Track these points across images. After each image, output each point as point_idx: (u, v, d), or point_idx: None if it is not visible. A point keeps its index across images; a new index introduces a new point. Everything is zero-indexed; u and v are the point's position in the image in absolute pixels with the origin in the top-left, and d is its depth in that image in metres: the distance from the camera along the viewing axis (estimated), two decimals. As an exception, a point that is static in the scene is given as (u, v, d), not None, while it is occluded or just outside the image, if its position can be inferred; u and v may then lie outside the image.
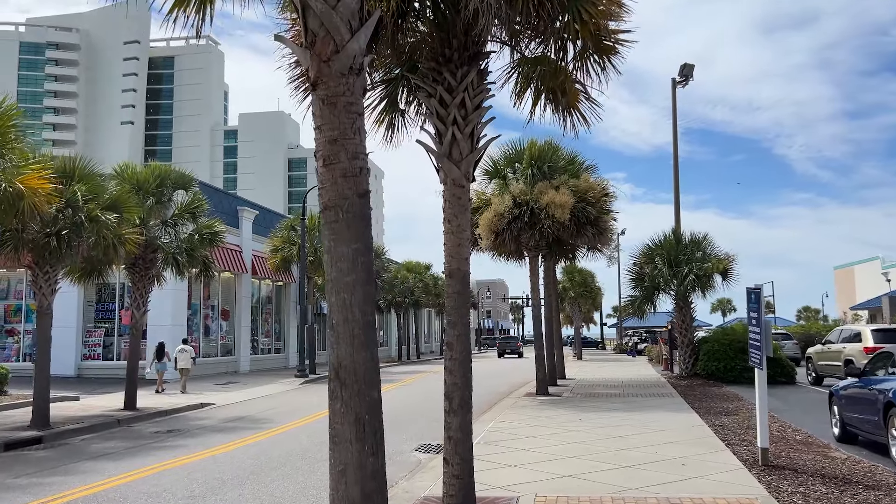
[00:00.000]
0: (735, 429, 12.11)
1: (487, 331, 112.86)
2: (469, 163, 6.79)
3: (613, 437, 11.18)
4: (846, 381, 11.06)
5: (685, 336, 24.68)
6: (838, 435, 10.97)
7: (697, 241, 24.73)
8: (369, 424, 3.84)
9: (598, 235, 18.46)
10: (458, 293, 6.72)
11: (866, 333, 18.89)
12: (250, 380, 27.35)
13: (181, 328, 28.17)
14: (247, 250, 33.55)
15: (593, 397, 17.97)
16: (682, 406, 15.67)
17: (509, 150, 18.79)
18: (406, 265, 50.27)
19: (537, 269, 19.32)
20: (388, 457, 10.91)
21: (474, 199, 18.89)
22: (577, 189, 17.67)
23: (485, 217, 17.25)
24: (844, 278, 67.26)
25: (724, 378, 22.58)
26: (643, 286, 24.98)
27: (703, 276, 23.81)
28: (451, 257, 6.76)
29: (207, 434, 13.47)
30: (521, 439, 11.10)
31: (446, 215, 6.82)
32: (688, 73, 26.48)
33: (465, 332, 6.71)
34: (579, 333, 52.85)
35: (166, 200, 17.20)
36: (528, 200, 17.53)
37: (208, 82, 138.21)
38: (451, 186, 6.77)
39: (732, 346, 23.01)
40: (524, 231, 17.60)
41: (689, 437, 11.06)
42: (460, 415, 6.57)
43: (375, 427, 3.88)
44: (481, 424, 13.11)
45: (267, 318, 37.60)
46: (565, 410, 15.02)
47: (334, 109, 3.78)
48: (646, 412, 14.48)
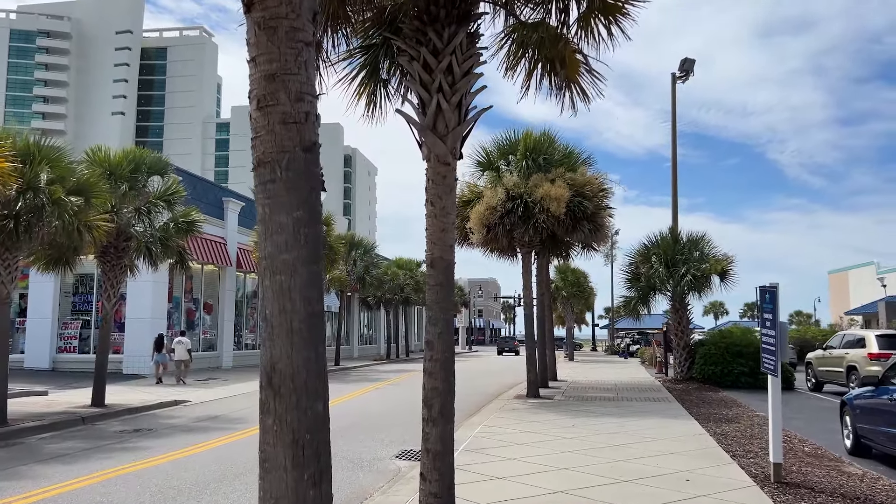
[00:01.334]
0: (739, 438, 11.33)
1: (479, 330, 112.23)
2: (456, 137, 5.96)
3: (609, 445, 10.38)
4: (860, 389, 10.29)
5: (681, 338, 23.93)
6: (850, 447, 10.20)
7: (695, 241, 23.99)
8: (310, 446, 2.97)
9: (595, 232, 17.64)
10: (441, 285, 5.89)
11: (871, 339, 18.15)
12: (232, 376, 26.45)
13: (161, 321, 27.25)
14: (232, 243, 32.61)
15: (586, 401, 17.18)
16: (680, 412, 14.89)
17: (503, 140, 17.96)
18: (396, 262, 49.36)
19: (530, 266, 18.50)
20: (365, 464, 10.11)
21: (465, 191, 18.06)
22: (574, 182, 16.84)
23: (476, 210, 16.41)
24: (839, 283, 66.75)
25: (721, 383, 21.85)
26: (639, 286, 24.22)
27: (700, 276, 23.07)
28: (433, 244, 5.93)
29: (175, 434, 12.61)
30: (510, 447, 10.29)
31: (429, 196, 5.99)
32: (688, 67, 25.70)
33: (447, 330, 5.88)
34: (572, 334, 52.11)
35: (141, 187, 16.27)
36: (521, 193, 16.71)
37: (201, 74, 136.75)
38: (435, 163, 5.94)
39: (730, 350, 22.29)
40: (517, 226, 16.77)
41: (691, 447, 10.27)
42: (440, 424, 5.74)
43: (319, 449, 3.02)
44: (468, 429, 12.30)
45: (252, 313, 36.67)
46: (557, 415, 14.22)
47: (273, 36, 2.89)
48: (642, 418, 13.70)
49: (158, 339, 24.00)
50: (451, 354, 5.88)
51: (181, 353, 23.35)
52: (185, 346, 23.59)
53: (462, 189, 18.04)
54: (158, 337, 24.27)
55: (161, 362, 23.30)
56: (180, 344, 23.56)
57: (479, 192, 17.44)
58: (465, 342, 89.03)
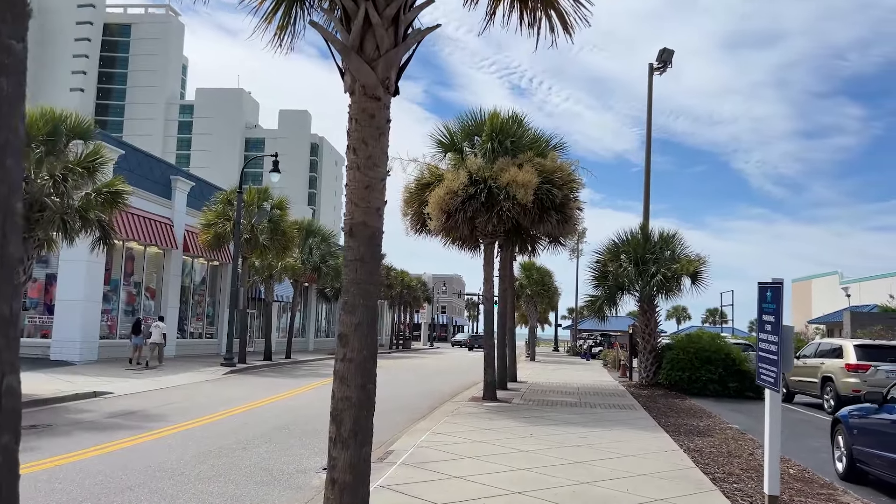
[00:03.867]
0: (715, 456, 10.07)
1: (441, 327, 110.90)
2: (390, 63, 4.47)
3: (571, 461, 9.00)
4: (856, 407, 9.08)
5: (648, 342, 22.80)
6: (843, 472, 8.98)
7: (667, 240, 22.87)
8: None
9: (563, 224, 16.26)
10: (361, 260, 4.40)
11: (848, 349, 17.16)
12: (171, 366, 24.57)
13: (96, 305, 25.24)
14: (179, 224, 30.61)
15: (547, 406, 15.85)
16: (648, 422, 13.63)
17: (468, 120, 16.49)
18: (357, 252, 47.71)
19: (492, 257, 17.08)
20: (284, 478, 8.45)
21: (425, 173, 16.55)
22: (543, 168, 15.44)
23: (436, 194, 14.91)
24: (801, 292, 66.89)
25: (688, 390, 20.78)
26: (606, 285, 23.02)
27: (671, 277, 21.96)
28: (354, 205, 4.44)
29: (77, 433, 10.91)
30: (458, 461, 8.84)
31: (351, 142, 4.49)
32: (666, 58, 24.56)
33: (368, 320, 4.40)
34: (534, 333, 51.00)
35: (60, 151, 14.42)
36: (486, 178, 15.27)
37: (166, 54, 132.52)
38: (361, 97, 4.44)
39: (699, 356, 21.23)
40: (480, 213, 15.32)
41: (665, 466, 8.95)
42: (352, 447, 4.26)
43: None
44: (412, 436, 10.83)
45: (200, 300, 34.69)
46: (514, 422, 12.83)
47: None
48: (608, 428, 12.38)
49: (136, 323, 25.20)
50: (372, 354, 4.40)
51: (157, 337, 24.30)
52: (161, 330, 24.55)
53: (422, 171, 16.56)
54: (136, 321, 25.58)
55: (138, 345, 24.23)
56: (157, 328, 24.52)
57: (440, 174, 15.95)
58: (427, 338, 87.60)
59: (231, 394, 17.35)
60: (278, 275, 30.81)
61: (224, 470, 8.46)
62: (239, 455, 9.44)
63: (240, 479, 8.03)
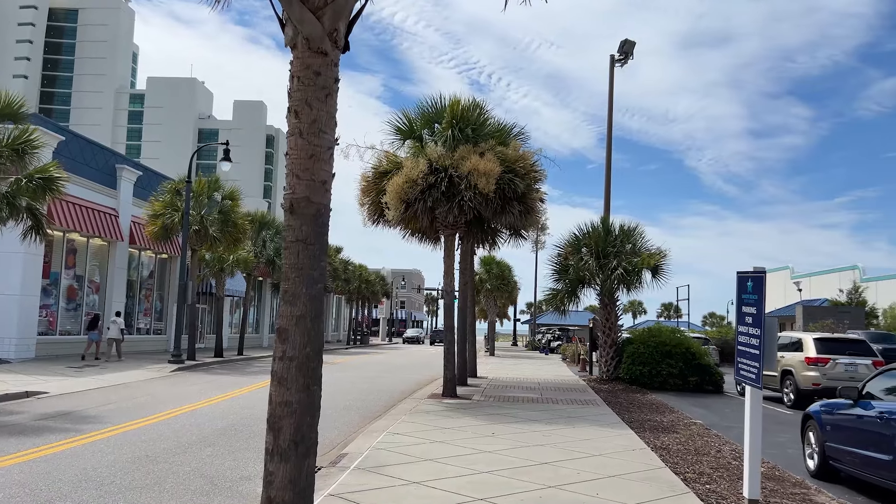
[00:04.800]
0: (684, 454, 9.71)
1: (400, 322, 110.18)
2: (338, 12, 3.85)
3: (536, 462, 8.51)
4: (829, 402, 8.79)
5: (609, 336, 22.56)
6: (815, 469, 8.68)
7: (628, 233, 22.64)
8: None
9: (526, 215, 15.79)
10: (305, 242, 3.77)
11: (808, 343, 17.12)
12: (116, 364, 23.42)
13: (33, 299, 23.89)
14: (125, 215, 29.29)
15: (508, 402, 15.38)
16: (612, 418, 13.26)
17: (428, 107, 15.86)
18: (314, 246, 46.72)
19: (453, 249, 16.51)
20: (226, 484, 7.70)
21: (383, 161, 15.88)
22: (505, 158, 14.92)
23: (394, 182, 14.25)
24: (753, 286, 68.22)
25: (649, 384, 20.60)
26: (567, 279, 22.68)
27: (632, 270, 21.72)
28: (296, 178, 3.81)
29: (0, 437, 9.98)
30: (416, 464, 8.26)
31: (292, 104, 3.86)
32: (628, 49, 24.32)
33: (312, 313, 3.77)
34: (494, 328, 50.73)
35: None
36: (447, 166, 14.67)
37: (115, 41, 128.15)
38: (305, 52, 3.81)
39: (659, 350, 21.07)
40: (440, 203, 14.72)
41: (633, 466, 8.52)
42: (293, 459, 3.64)
43: None
44: (368, 437, 10.21)
45: (148, 294, 33.34)
46: (475, 420, 12.31)
47: None
48: (571, 425, 11.96)
49: (94, 319, 25.34)
50: (317, 351, 3.78)
51: (114, 333, 24.43)
52: (118, 325, 24.67)
53: (379, 159, 15.88)
54: (94, 316, 25.71)
55: (95, 340, 24.34)
56: (114, 324, 24.65)
57: (399, 162, 15.28)
58: (385, 334, 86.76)
59: (177, 392, 16.46)
60: (230, 268, 29.71)
61: (159, 477, 7.72)
62: (178, 460, 8.69)
63: (176, 488, 7.31)
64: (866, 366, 16.51)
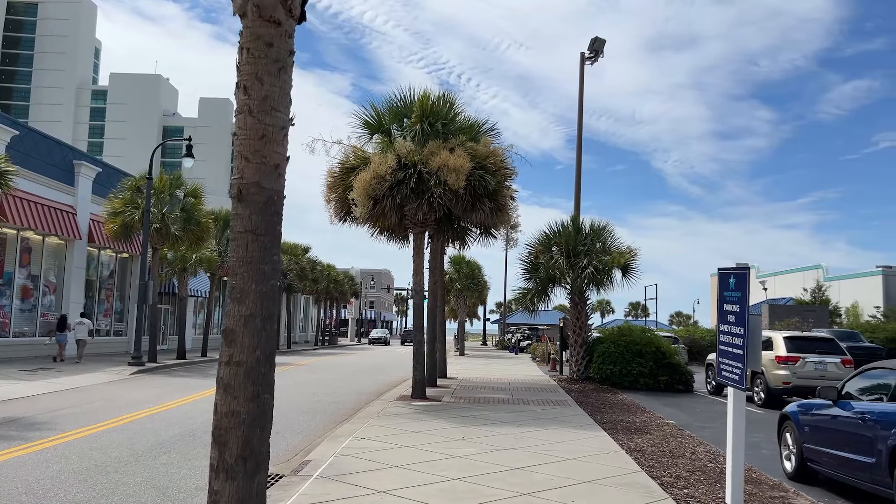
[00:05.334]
0: (659, 457, 9.47)
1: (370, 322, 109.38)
2: (293, -24, 3.44)
3: (509, 468, 8.18)
4: (807, 402, 8.62)
5: (579, 335, 22.38)
6: (793, 471, 8.49)
7: (598, 231, 22.48)
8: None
9: (497, 212, 15.47)
10: (255, 233, 3.37)
11: (778, 341, 17.09)
12: (72, 366, 22.58)
13: (-16, 300, 22.93)
14: (83, 213, 28.34)
15: (478, 403, 15.05)
16: (584, 420, 13.01)
17: (396, 100, 15.45)
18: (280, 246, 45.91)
19: (422, 247, 16.11)
20: (182, 497, 7.29)
21: (350, 157, 15.43)
22: (476, 153, 14.58)
23: (361, 178, 13.81)
24: (720, 285, 69.01)
25: (619, 384, 20.45)
26: (538, 278, 22.45)
27: (602, 269, 21.57)
28: (245, 161, 3.41)
29: (-62, 448, 9.34)
30: (383, 471, 7.87)
31: (242, 78, 3.45)
32: (598, 47, 24.18)
33: (263, 312, 3.37)
34: (464, 328, 50.45)
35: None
36: (416, 162, 14.28)
37: (76, 35, 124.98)
38: (256, 21, 3.41)
39: (630, 349, 20.94)
40: (409, 199, 14.32)
41: (609, 470, 8.24)
42: (240, 476, 3.24)
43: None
44: (333, 443, 9.79)
45: (108, 295, 32.36)
46: (445, 422, 11.95)
47: None
48: (543, 427, 11.66)
49: (61, 320, 25.10)
50: (268, 355, 3.37)
51: (82, 334, 24.50)
52: (86, 326, 24.80)
53: (346, 154, 15.42)
54: (62, 317, 25.38)
55: (62, 342, 24.34)
56: (82, 325, 24.69)
57: (366, 157, 14.85)
58: (354, 334, 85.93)
59: (135, 396, 15.81)
60: (193, 268, 28.91)
61: (107, 489, 7.21)
62: (130, 470, 8.18)
63: (125, 501, 6.82)
64: (836, 364, 16.54)
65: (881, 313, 44.21)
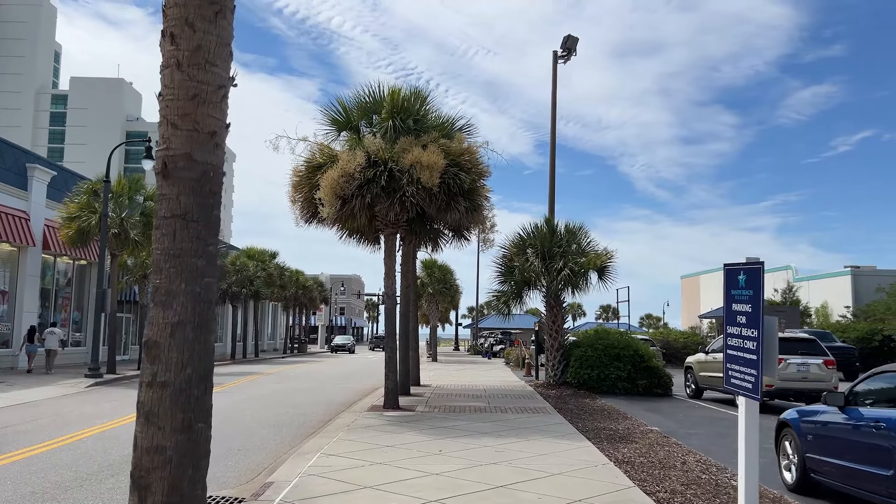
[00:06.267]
0: (649, 468, 8.87)
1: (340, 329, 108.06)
2: None
3: (492, 485, 7.51)
4: (808, 408, 8.09)
5: (555, 339, 21.82)
6: (793, 483, 7.95)
7: (573, 232, 21.99)
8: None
9: (472, 212, 14.81)
10: (183, 217, 2.67)
11: (760, 342, 16.69)
12: (24, 379, 21.37)
13: (-72, 311, 21.61)
14: (37, 219, 27.06)
15: (454, 413, 14.36)
16: (566, 428, 12.40)
17: (365, 96, 14.72)
18: (247, 252, 44.77)
19: (394, 249, 15.40)
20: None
21: (317, 155, 14.65)
22: (450, 150, 13.91)
23: (328, 176, 13.05)
24: (690, 287, 69.24)
25: (597, 388, 19.92)
26: (513, 280, 21.87)
27: (578, 271, 21.05)
28: (172, 127, 2.71)
29: None
30: (352, 493, 7.14)
31: (168, 25, 2.75)
32: (571, 46, 23.74)
33: (195, 320, 2.65)
34: (436, 333, 49.71)
35: None
36: (386, 159, 13.57)
37: (34, 38, 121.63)
38: (184, -48, 2.68)
39: (608, 353, 20.43)
40: (380, 199, 13.60)
41: (600, 487, 7.61)
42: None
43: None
44: (298, 460, 9.01)
45: (65, 304, 30.99)
46: (420, 435, 11.24)
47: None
48: (525, 438, 11.01)
49: (31, 330, 25.03)
50: (203, 374, 2.65)
51: (53, 343, 24.28)
52: (57, 336, 24.69)
53: (313, 152, 14.65)
54: (31, 328, 25.26)
55: (32, 353, 24.33)
56: (52, 334, 24.53)
57: (334, 155, 14.09)
58: (324, 341, 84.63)
59: (88, 411, 14.81)
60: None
61: (40, 523, 6.37)
62: (70, 497, 7.34)
63: (58, 537, 5.99)
64: (818, 365, 16.20)
65: (851, 313, 44.56)
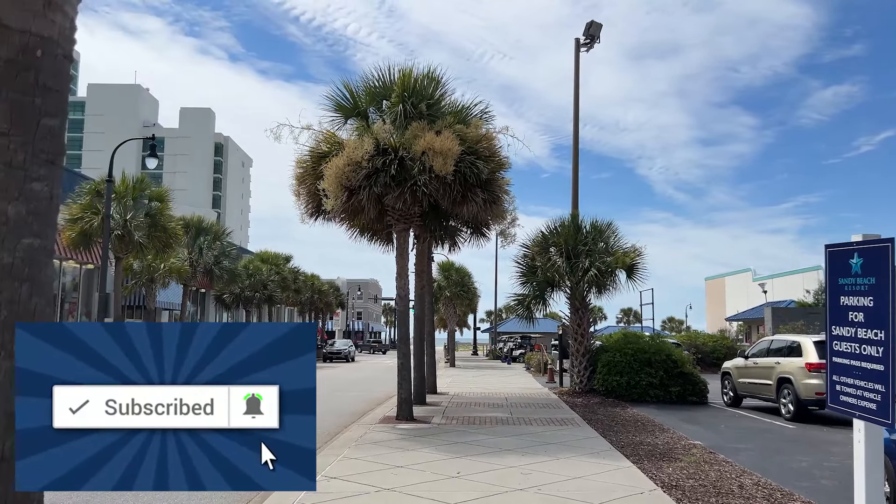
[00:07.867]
0: (703, 495, 7.55)
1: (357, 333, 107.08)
2: None
3: (519, 520, 6.23)
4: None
5: (581, 343, 20.44)
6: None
7: (600, 230, 20.62)
8: None
9: (491, 205, 13.56)
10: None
11: (808, 347, 15.25)
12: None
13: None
14: (41, 221, 26.17)
15: (474, 425, 13.08)
16: (599, 444, 11.08)
17: (374, 80, 13.53)
18: (260, 255, 43.83)
19: (406, 247, 14.17)
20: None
21: (323, 144, 13.45)
22: (466, 137, 12.68)
23: (334, 164, 11.87)
24: (715, 289, 67.36)
25: (627, 396, 18.53)
26: (535, 282, 20.55)
27: (605, 271, 19.69)
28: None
29: None
30: (354, 531, 5.90)
31: None
32: (594, 33, 22.45)
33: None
34: (454, 337, 48.44)
35: None
36: (397, 146, 12.37)
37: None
38: None
39: (637, 358, 19.02)
40: (390, 189, 12.40)
41: (650, 521, 6.31)
42: None
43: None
44: (295, 485, 7.77)
45: (72, 310, 30.12)
46: (436, 452, 9.98)
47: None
48: (554, 456, 9.71)
49: None
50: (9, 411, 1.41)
51: None
52: None
53: (317, 140, 13.47)
54: None
55: None
56: None
57: (340, 143, 12.90)
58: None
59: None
60: (161, 278, 26.80)
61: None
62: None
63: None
64: (874, 371, 14.72)
65: None
